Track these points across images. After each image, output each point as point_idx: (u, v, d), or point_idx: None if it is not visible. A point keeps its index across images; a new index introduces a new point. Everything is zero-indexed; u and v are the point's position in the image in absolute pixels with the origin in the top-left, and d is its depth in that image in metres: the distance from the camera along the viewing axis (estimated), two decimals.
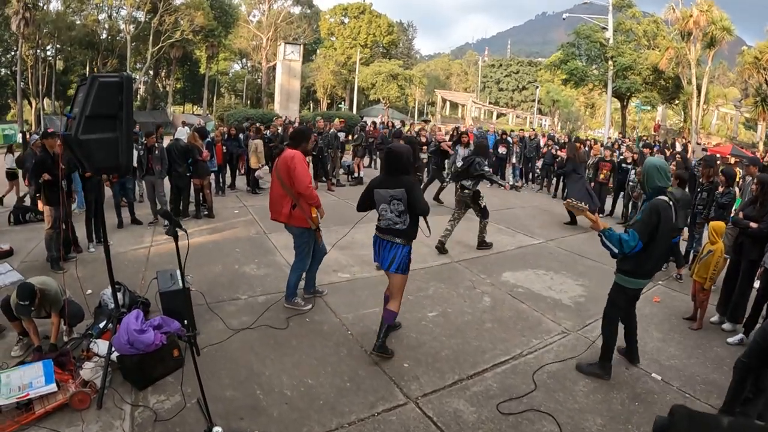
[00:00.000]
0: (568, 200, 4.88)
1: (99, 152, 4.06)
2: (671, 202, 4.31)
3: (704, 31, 28.96)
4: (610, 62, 34.31)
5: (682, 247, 8.41)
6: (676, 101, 36.70)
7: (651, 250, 4.26)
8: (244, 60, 63.59)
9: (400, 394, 4.25)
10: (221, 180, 13.34)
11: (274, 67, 48.31)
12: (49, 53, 44.15)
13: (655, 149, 13.92)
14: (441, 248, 8.22)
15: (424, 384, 4.41)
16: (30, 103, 43.20)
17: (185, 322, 4.27)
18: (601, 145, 15.94)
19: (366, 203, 4.92)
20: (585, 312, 6.13)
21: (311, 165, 11.88)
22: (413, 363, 4.75)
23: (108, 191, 9.50)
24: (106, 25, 44.91)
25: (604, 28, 35.00)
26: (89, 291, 5.92)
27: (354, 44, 54.95)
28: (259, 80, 58.69)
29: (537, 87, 59.66)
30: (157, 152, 9.63)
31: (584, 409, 4.11)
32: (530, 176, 17.65)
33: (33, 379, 4.00)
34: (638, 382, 4.60)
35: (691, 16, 29.10)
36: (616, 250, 4.27)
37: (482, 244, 8.66)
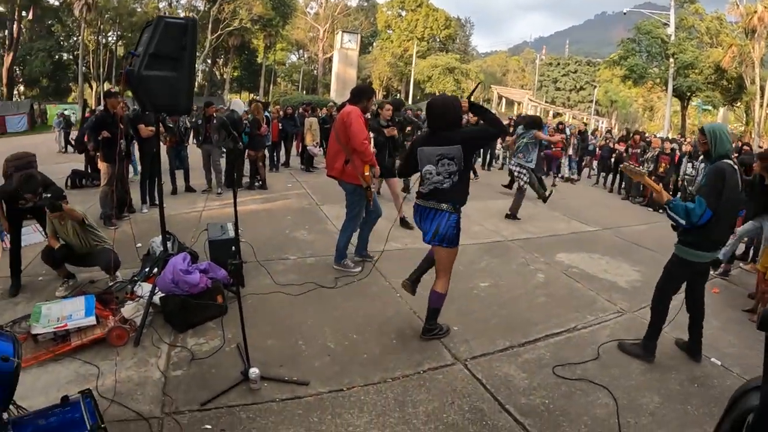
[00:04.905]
0: (624, 164, 4.63)
1: (159, 89, 4.10)
2: (736, 167, 3.96)
3: None
4: (671, 59, 33.11)
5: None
6: (738, 102, 35.24)
7: (717, 218, 3.87)
8: (300, 51, 64.12)
9: (449, 355, 4.14)
10: (275, 157, 13.46)
11: (330, 59, 48.67)
12: (110, 39, 45.53)
13: None
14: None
15: (473, 347, 4.29)
16: (91, 87, 44.69)
17: (233, 248, 4.26)
18: (662, 140, 15.41)
19: (409, 166, 4.31)
20: (641, 295, 5.82)
21: None
22: (463, 327, 4.62)
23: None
24: (166, 12, 45.79)
25: (666, 25, 33.82)
26: (139, 244, 6.02)
27: (411, 37, 54.90)
28: (315, 71, 59.14)
29: (595, 87, 58.33)
30: (215, 122, 9.76)
31: (640, 387, 3.90)
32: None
33: (73, 311, 4.07)
34: (697, 366, 4.32)
35: (755, 12, 27.78)
36: (683, 222, 3.91)
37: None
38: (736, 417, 1.96)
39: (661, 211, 8.99)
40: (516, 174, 9.34)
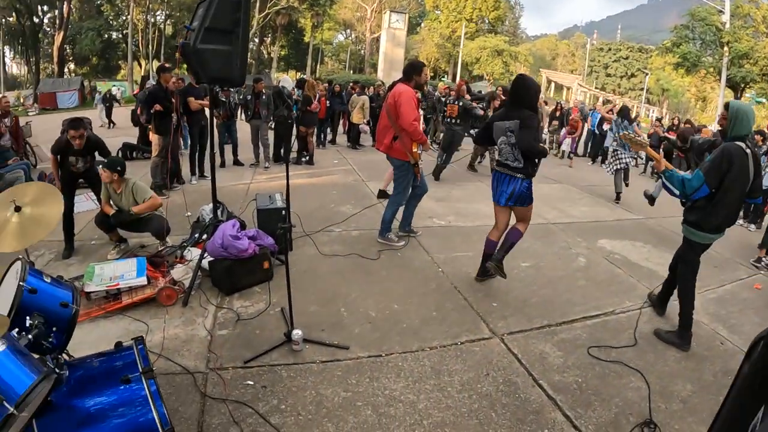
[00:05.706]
0: (624, 132, 4.59)
1: (214, 62, 4.28)
2: (748, 152, 3.82)
3: None
4: (725, 48, 31.79)
5: None
6: None
7: (719, 201, 3.85)
8: (348, 31, 64.00)
9: (486, 329, 4.22)
10: (322, 135, 13.68)
11: (377, 39, 48.50)
12: (158, 18, 46.44)
13: None
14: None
15: (511, 324, 4.35)
16: (140, 65, 45.65)
17: (283, 212, 4.50)
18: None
19: (484, 135, 4.93)
20: None
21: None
22: (501, 304, 4.69)
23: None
24: None
25: (721, 12, 32.42)
26: (188, 213, 6.29)
27: (459, 18, 54.11)
28: (362, 51, 59.02)
29: (647, 75, 56.75)
30: (264, 98, 10.00)
31: (674, 374, 3.87)
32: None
33: (125, 272, 4.31)
34: (732, 359, 4.22)
35: None
36: (677, 192, 3.96)
37: None
38: (754, 360, 2.00)
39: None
40: (615, 158, 9.87)
